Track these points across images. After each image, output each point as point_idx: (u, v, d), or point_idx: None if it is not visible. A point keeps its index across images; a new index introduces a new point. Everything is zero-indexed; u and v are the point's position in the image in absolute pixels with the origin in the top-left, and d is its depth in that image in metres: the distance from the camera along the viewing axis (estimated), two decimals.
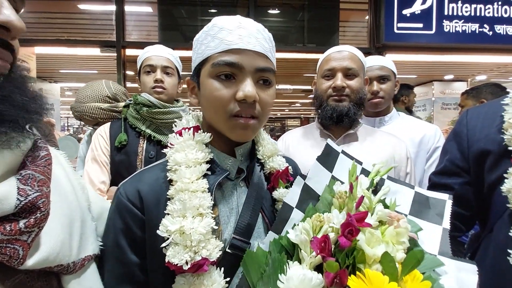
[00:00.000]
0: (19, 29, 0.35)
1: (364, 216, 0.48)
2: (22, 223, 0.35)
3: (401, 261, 0.46)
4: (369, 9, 3.42)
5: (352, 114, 0.99)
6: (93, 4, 3.27)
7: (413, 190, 0.63)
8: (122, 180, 1.10)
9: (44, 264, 0.39)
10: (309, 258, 0.47)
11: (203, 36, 0.57)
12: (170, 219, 0.50)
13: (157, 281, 0.53)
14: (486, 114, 0.74)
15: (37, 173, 0.39)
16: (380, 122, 1.38)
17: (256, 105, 0.54)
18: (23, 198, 0.36)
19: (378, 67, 1.34)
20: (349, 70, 0.99)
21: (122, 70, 3.19)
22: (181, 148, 0.56)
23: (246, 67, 0.53)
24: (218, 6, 3.52)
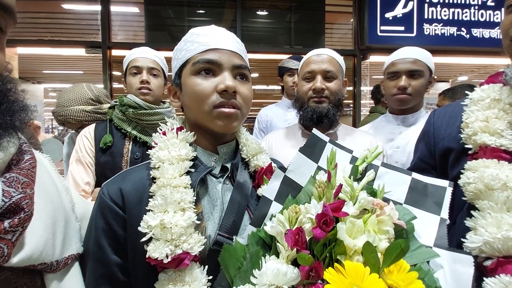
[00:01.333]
0: None
1: (340, 205, 0.47)
2: (6, 223, 0.37)
3: (383, 251, 0.45)
4: (354, 12, 3.51)
5: (331, 115, 1.03)
6: (78, 4, 3.22)
7: (409, 177, 0.60)
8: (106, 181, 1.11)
9: (28, 262, 0.40)
10: (286, 251, 0.46)
11: (182, 44, 0.62)
12: (151, 215, 0.51)
13: (140, 281, 0.53)
14: (450, 113, 0.78)
15: (21, 175, 0.40)
16: (403, 121, 1.28)
17: (237, 97, 0.57)
18: (7, 199, 0.38)
19: (410, 61, 1.19)
20: (328, 72, 1.03)
21: (108, 71, 3.15)
22: (165, 146, 0.57)
23: (224, 63, 0.57)
24: (205, 7, 3.53)
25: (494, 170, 0.60)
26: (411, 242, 0.51)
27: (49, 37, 3.19)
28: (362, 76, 3.59)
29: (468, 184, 0.63)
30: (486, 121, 0.66)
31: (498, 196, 0.58)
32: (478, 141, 0.65)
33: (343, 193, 0.52)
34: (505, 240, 0.55)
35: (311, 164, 0.62)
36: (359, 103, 3.62)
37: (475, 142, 0.66)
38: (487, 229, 0.57)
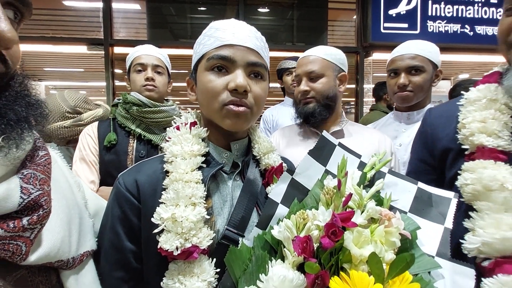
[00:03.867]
0: (9, 40, 0.35)
1: (350, 215, 0.47)
2: (25, 220, 0.37)
3: (390, 262, 0.45)
4: (357, 9, 3.48)
5: (317, 113, 1.05)
6: (79, 1, 3.21)
7: (415, 186, 0.60)
8: (111, 179, 1.11)
9: (45, 260, 0.40)
10: (292, 256, 0.46)
11: (201, 38, 0.61)
12: (164, 207, 0.52)
13: (151, 269, 0.55)
14: (447, 113, 0.77)
15: (38, 172, 0.40)
16: (408, 117, 1.26)
17: (248, 96, 0.57)
18: (26, 196, 0.37)
19: (409, 57, 1.17)
20: (311, 73, 1.05)
21: (110, 68, 3.14)
22: (178, 141, 0.58)
23: (237, 60, 0.56)
24: (207, 4, 3.51)
25: (492, 171, 0.60)
26: (414, 250, 0.51)
27: (51, 34, 3.18)
28: (364, 74, 3.57)
29: (466, 185, 0.63)
30: (484, 122, 0.65)
31: (496, 197, 0.58)
32: (476, 142, 0.65)
33: (351, 201, 0.52)
34: (503, 240, 0.55)
35: (319, 167, 0.61)
36: (362, 100, 3.61)
37: (472, 143, 0.66)
38: (485, 230, 0.57)
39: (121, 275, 0.55)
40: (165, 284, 0.51)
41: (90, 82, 4.72)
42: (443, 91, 3.47)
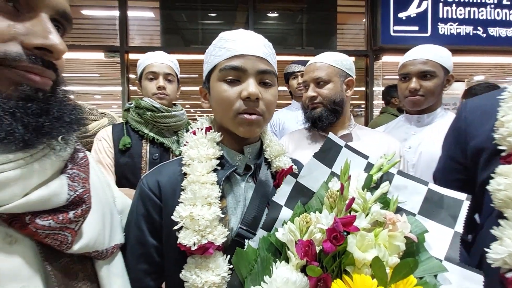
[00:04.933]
0: (61, 51, 0.40)
1: (351, 220, 0.47)
2: (71, 214, 0.41)
3: (393, 266, 0.45)
4: (366, 12, 3.48)
5: (324, 118, 1.08)
6: (97, 10, 3.36)
7: (426, 187, 0.58)
8: (126, 182, 1.19)
9: (85, 249, 0.45)
10: (296, 259, 0.47)
11: (211, 48, 0.65)
12: (182, 206, 0.57)
13: (171, 262, 0.60)
14: (484, 107, 0.69)
15: (80, 172, 0.45)
16: (418, 120, 1.27)
17: (259, 103, 0.60)
18: (72, 192, 0.42)
19: (421, 61, 1.18)
20: (317, 79, 1.09)
21: (126, 74, 3.27)
22: (195, 145, 0.63)
23: (249, 69, 0.60)
24: (217, 10, 3.59)
25: None
26: (421, 252, 0.51)
27: (70, 42, 3.34)
28: (374, 77, 3.56)
29: (498, 190, 0.58)
30: None
31: None
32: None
33: (356, 204, 0.52)
34: None
35: (324, 169, 0.62)
36: (372, 103, 3.59)
37: (510, 144, 0.59)
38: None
39: (145, 267, 0.60)
40: (184, 276, 0.56)
41: (105, 87, 4.91)
42: (457, 93, 3.41)
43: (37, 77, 0.39)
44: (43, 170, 0.39)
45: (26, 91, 0.37)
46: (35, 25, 0.38)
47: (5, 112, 0.35)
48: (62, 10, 0.41)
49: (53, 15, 0.40)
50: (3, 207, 0.35)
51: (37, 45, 0.37)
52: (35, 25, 0.38)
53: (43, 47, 0.38)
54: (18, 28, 0.36)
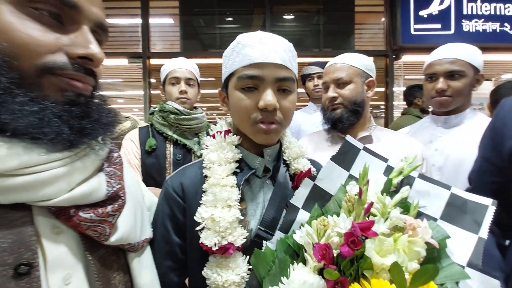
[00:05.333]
0: (101, 60, 0.43)
1: (370, 225, 0.46)
2: (109, 208, 0.44)
3: (413, 271, 0.44)
4: (385, 11, 3.41)
5: (344, 119, 1.07)
6: (121, 18, 3.53)
7: (448, 191, 0.56)
8: (152, 181, 1.25)
9: (120, 242, 0.48)
10: (313, 261, 0.47)
11: (229, 53, 0.64)
12: (204, 208, 0.59)
13: (194, 260, 0.62)
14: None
15: (116, 170, 0.49)
16: (445, 122, 1.22)
17: (277, 112, 0.59)
18: (110, 188, 0.45)
19: (449, 61, 1.13)
20: (338, 80, 1.07)
21: (148, 78, 3.41)
22: (214, 149, 0.65)
23: (266, 78, 0.58)
24: (234, 14, 3.65)
25: None
26: (442, 258, 0.50)
27: None
28: (395, 77, 3.47)
29: None
30: None
31: None
32: None
33: (374, 209, 0.51)
34: None
35: (342, 172, 0.61)
36: (392, 104, 3.50)
37: None
38: None
39: (169, 264, 0.63)
40: (205, 273, 0.58)
41: (128, 91, 5.11)
42: (484, 93, 3.26)
43: (80, 83, 0.42)
44: (85, 167, 0.43)
45: (71, 96, 0.41)
46: (78, 36, 0.41)
47: (54, 115, 0.38)
48: (100, 22, 0.45)
49: (92, 27, 0.43)
50: (52, 201, 0.39)
51: (80, 55, 0.41)
52: (78, 37, 0.41)
53: (85, 56, 0.41)
54: (64, 40, 0.40)
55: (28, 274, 0.37)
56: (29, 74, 0.37)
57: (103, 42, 0.48)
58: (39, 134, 0.37)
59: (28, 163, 0.37)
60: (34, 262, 0.38)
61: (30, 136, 0.37)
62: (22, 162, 0.36)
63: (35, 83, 0.38)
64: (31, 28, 0.37)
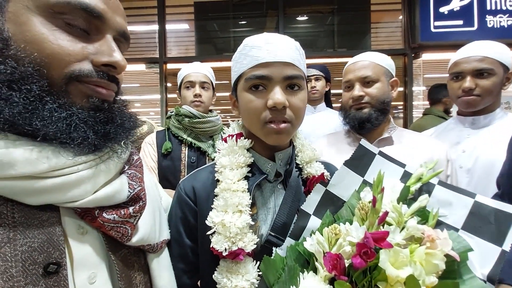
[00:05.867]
0: (123, 67, 0.44)
1: (384, 236, 0.43)
2: (131, 209, 0.45)
3: (431, 286, 0.42)
4: (403, 9, 3.31)
5: (373, 119, 1.02)
6: (139, 25, 3.65)
7: (472, 199, 0.52)
8: (168, 183, 1.27)
9: (140, 242, 0.49)
10: (323, 271, 0.46)
11: (237, 56, 0.64)
12: (215, 212, 0.59)
13: (205, 263, 0.62)
14: None
15: (137, 172, 0.50)
16: (473, 122, 1.17)
17: (286, 111, 0.58)
18: (132, 190, 0.46)
19: (477, 59, 1.09)
20: (365, 78, 1.02)
21: (164, 83, 3.50)
22: (226, 153, 0.65)
23: (274, 77, 0.57)
24: (248, 17, 3.67)
25: None
26: (463, 272, 0.47)
27: None
28: (414, 76, 3.36)
29: None
30: None
31: None
32: None
33: (389, 217, 0.49)
34: None
35: (356, 178, 0.59)
36: (411, 104, 3.38)
37: None
38: None
39: (182, 266, 0.63)
40: (216, 277, 0.58)
41: (145, 96, 5.26)
42: (511, 91, 3.07)
43: (104, 90, 0.44)
44: (108, 170, 0.44)
45: (95, 102, 0.43)
46: (102, 45, 0.43)
47: (80, 121, 0.40)
48: (122, 31, 0.46)
49: (115, 36, 0.45)
50: (78, 202, 0.40)
51: (104, 62, 0.43)
52: (102, 45, 0.43)
53: (108, 64, 0.43)
54: (89, 48, 0.42)
55: (57, 273, 0.38)
56: (57, 82, 0.39)
57: (125, 49, 0.49)
58: (67, 138, 0.39)
59: (56, 166, 0.38)
60: (62, 262, 0.39)
61: (59, 141, 0.39)
62: (51, 165, 0.38)
63: (63, 91, 0.40)
64: (60, 39, 0.39)
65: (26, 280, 0.36)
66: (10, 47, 0.37)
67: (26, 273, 0.36)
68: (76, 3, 0.40)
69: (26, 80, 0.37)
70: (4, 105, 0.35)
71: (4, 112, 0.35)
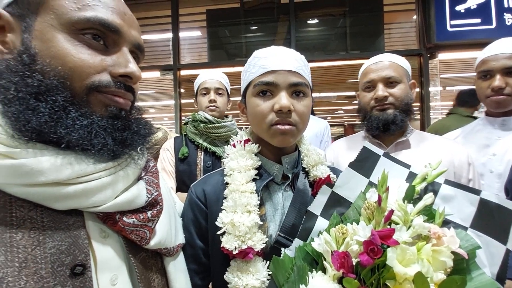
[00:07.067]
0: (139, 77, 0.47)
1: (390, 233, 0.44)
2: (149, 213, 0.47)
3: (439, 282, 0.42)
4: (417, 8, 3.25)
5: (399, 121, 0.98)
6: (153, 34, 3.76)
7: (477, 196, 0.52)
8: (184, 186, 1.31)
9: (158, 246, 0.50)
10: (332, 270, 0.47)
11: (247, 66, 0.69)
12: (224, 213, 0.61)
13: (216, 264, 0.64)
14: None
15: (153, 178, 0.53)
16: (503, 123, 1.11)
17: (292, 114, 0.62)
18: (149, 195, 0.48)
19: (506, 56, 1.04)
20: (389, 79, 0.99)
21: (178, 89, 3.58)
22: (235, 157, 0.67)
23: (280, 83, 0.62)
24: (259, 23, 3.71)
25: None
26: (472, 269, 0.47)
27: None
28: (430, 76, 3.28)
29: None
30: None
31: None
32: None
33: (396, 217, 0.49)
34: None
35: (362, 179, 0.60)
36: (428, 105, 3.30)
37: None
38: None
39: (194, 267, 0.65)
40: (227, 277, 0.60)
41: (160, 102, 5.39)
42: None
43: (121, 99, 0.46)
44: (127, 176, 0.46)
45: (113, 111, 0.45)
46: (119, 57, 0.46)
47: (100, 128, 0.43)
48: (137, 43, 0.49)
49: (131, 48, 0.48)
50: (101, 207, 0.42)
51: (121, 73, 0.45)
52: (119, 57, 0.45)
53: (125, 75, 0.45)
54: (107, 61, 0.44)
55: (82, 275, 0.40)
56: (79, 92, 0.42)
57: (140, 61, 0.52)
58: (88, 145, 0.41)
59: (79, 172, 0.41)
60: (87, 263, 0.41)
61: (81, 148, 0.41)
62: (75, 171, 0.40)
63: (84, 100, 0.42)
64: (81, 53, 0.42)
65: (55, 281, 0.38)
66: (37, 62, 0.40)
67: (54, 274, 0.38)
68: (95, 20, 0.42)
69: (52, 91, 0.39)
70: (32, 115, 0.38)
71: (32, 121, 0.38)
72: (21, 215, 0.38)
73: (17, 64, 0.39)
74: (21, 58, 0.40)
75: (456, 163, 0.97)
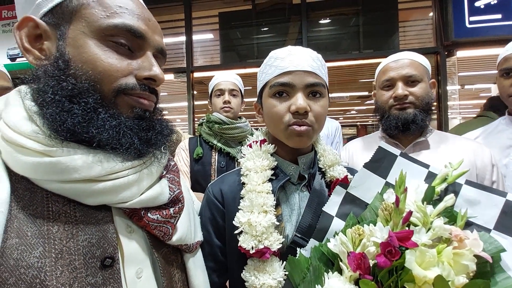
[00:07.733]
0: (162, 80, 0.49)
1: (408, 235, 0.43)
2: (171, 210, 0.49)
3: (461, 286, 0.41)
4: (433, 5, 3.17)
5: (419, 120, 0.95)
6: (167, 38, 3.84)
7: (503, 199, 0.51)
8: (198, 186, 1.33)
9: (179, 242, 0.53)
10: (348, 271, 0.46)
11: (263, 67, 0.69)
12: (241, 213, 0.62)
13: (233, 262, 0.65)
14: None
15: (175, 176, 0.55)
16: None
17: (308, 115, 0.61)
18: (172, 193, 0.50)
19: None
20: (410, 77, 0.96)
21: (191, 91, 3.64)
22: (251, 157, 0.69)
23: (297, 84, 0.62)
24: (270, 24, 3.71)
25: None
26: (496, 272, 0.45)
27: None
28: (448, 75, 3.18)
29: None
30: None
31: None
32: None
33: (415, 218, 0.48)
34: None
35: (378, 180, 0.59)
36: (446, 105, 3.20)
37: None
38: None
39: (212, 265, 0.66)
40: (244, 275, 0.61)
41: (173, 103, 5.49)
42: None
43: (145, 101, 0.48)
44: (151, 174, 0.49)
45: (139, 112, 0.47)
46: (144, 61, 0.48)
47: (127, 128, 0.45)
48: (160, 48, 0.52)
49: (154, 52, 0.50)
50: (128, 203, 0.45)
51: (145, 76, 0.47)
52: (144, 61, 0.48)
53: (149, 77, 0.48)
54: (133, 64, 0.47)
55: (111, 267, 0.43)
56: (108, 95, 0.44)
57: (162, 64, 0.54)
58: (117, 144, 0.44)
59: (108, 169, 0.43)
60: (116, 256, 0.44)
61: (110, 147, 0.44)
62: (104, 168, 0.43)
63: (112, 102, 0.45)
64: (110, 57, 0.45)
65: (87, 272, 0.40)
66: (70, 67, 0.42)
67: (86, 265, 0.40)
68: (122, 26, 0.45)
69: (84, 94, 0.42)
70: (66, 116, 0.41)
71: (67, 122, 0.40)
72: (57, 209, 0.41)
73: (54, 70, 0.42)
74: (57, 63, 0.43)
75: (478, 165, 0.94)
